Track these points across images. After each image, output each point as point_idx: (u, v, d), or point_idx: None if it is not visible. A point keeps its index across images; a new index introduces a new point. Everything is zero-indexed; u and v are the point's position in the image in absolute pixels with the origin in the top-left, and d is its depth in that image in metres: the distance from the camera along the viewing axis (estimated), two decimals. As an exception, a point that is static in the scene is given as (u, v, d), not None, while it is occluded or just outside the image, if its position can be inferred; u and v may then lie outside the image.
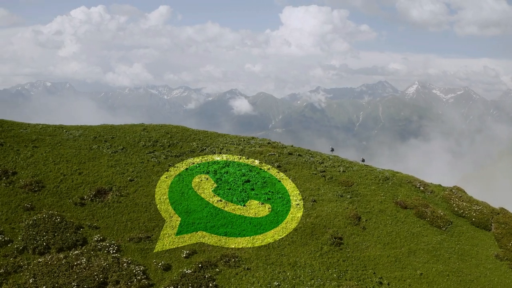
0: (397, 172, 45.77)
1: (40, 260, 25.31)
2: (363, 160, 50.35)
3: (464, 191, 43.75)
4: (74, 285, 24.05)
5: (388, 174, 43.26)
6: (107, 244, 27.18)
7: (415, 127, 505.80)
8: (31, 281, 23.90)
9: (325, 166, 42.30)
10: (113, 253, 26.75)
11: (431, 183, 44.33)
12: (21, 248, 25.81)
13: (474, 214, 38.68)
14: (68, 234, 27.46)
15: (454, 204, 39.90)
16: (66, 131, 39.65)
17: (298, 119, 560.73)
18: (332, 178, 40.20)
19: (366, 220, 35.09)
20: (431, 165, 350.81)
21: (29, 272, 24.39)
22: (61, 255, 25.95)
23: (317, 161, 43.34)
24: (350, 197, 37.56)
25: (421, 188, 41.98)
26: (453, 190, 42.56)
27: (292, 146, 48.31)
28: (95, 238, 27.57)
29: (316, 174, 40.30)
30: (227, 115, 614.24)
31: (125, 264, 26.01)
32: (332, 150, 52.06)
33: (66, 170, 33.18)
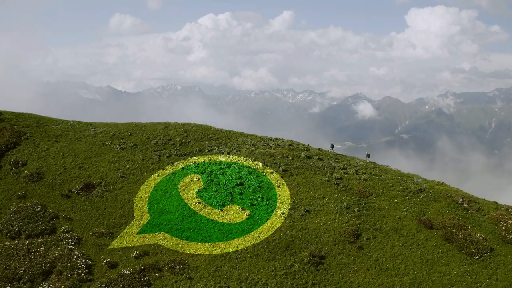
0: (440, 184, 37.88)
1: (7, 243, 27.34)
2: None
3: (526, 213, 33.87)
4: (21, 270, 25.39)
5: (425, 186, 36.01)
6: (69, 236, 28.03)
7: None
8: (-10, 261, 25.96)
9: (344, 173, 37.19)
10: (70, 245, 27.48)
11: (483, 199, 35.52)
12: (-3, 232, 28.24)
13: (527, 244, 29.64)
14: (40, 223, 29.15)
15: (504, 227, 31.22)
16: (92, 128, 42.46)
17: (425, 125, 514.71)
18: (347, 186, 35.12)
19: (367, 239, 29.64)
20: None
21: (-7, 253, 26.52)
22: (27, 242, 27.66)
23: (338, 166, 38.37)
24: (359, 210, 32.22)
25: (464, 204, 33.90)
26: (510, 210, 33.33)
27: (319, 149, 43.81)
28: (63, 229, 28.71)
29: (329, 181, 35.66)
30: (351, 120, 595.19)
31: (75, 257, 26.47)
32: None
33: (69, 164, 35.44)
